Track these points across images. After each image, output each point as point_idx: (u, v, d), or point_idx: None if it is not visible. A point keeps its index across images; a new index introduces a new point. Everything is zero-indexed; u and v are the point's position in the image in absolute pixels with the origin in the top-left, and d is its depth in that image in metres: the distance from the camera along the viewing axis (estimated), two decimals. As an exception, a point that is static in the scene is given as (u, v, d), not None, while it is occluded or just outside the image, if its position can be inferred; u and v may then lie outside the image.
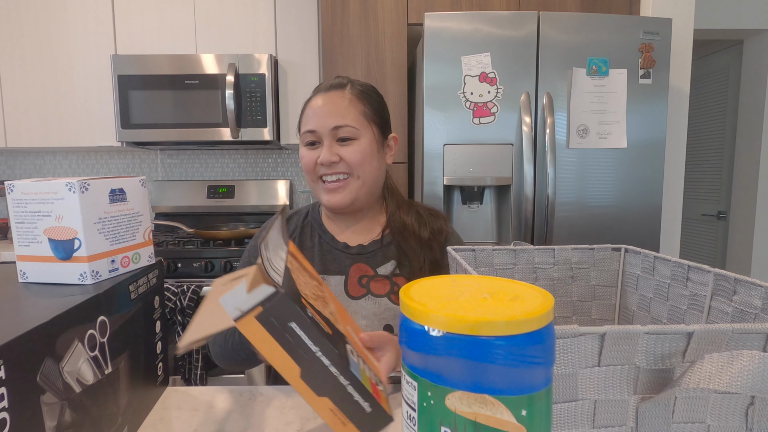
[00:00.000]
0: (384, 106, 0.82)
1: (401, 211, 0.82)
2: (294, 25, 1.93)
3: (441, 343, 0.24)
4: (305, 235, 0.83)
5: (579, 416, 0.30)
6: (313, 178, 0.77)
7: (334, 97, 0.76)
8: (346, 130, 0.74)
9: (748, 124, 2.51)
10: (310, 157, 0.76)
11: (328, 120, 0.74)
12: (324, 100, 0.76)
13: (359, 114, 0.76)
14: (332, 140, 0.74)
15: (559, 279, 0.60)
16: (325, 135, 0.74)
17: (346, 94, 0.76)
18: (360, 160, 0.74)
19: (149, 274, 0.58)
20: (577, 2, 1.66)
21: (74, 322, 0.40)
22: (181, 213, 2.18)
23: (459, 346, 0.24)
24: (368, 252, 0.80)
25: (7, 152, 2.27)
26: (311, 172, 0.77)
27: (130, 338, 0.52)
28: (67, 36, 1.91)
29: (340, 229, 0.83)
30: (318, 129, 0.75)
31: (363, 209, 0.81)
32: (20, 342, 0.33)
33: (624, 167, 1.48)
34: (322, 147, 0.75)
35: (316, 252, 0.81)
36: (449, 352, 0.24)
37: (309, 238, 0.83)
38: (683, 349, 0.29)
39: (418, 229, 0.80)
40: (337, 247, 0.81)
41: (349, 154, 0.74)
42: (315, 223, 0.84)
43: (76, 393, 0.40)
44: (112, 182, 0.53)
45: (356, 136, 0.75)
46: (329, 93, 0.77)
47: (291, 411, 0.57)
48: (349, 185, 0.76)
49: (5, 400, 0.31)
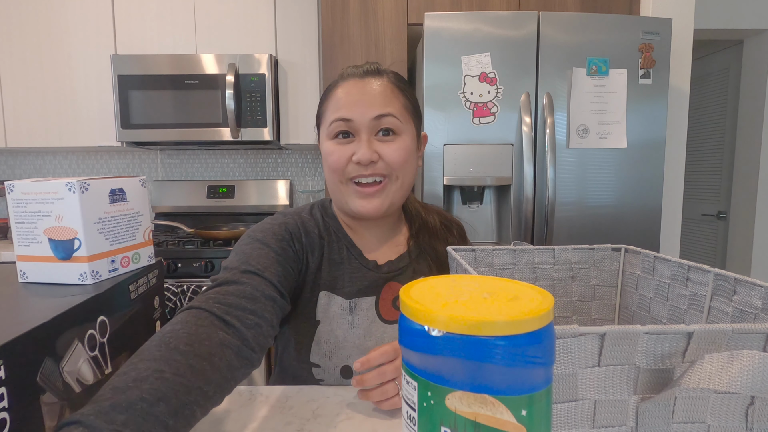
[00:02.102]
0: (417, 100, 0.70)
1: (423, 212, 0.75)
2: (294, 25, 1.93)
3: (441, 343, 0.24)
4: (333, 245, 0.69)
5: (579, 416, 0.30)
6: (342, 179, 0.64)
7: (373, 83, 0.63)
8: (389, 121, 0.62)
9: (748, 124, 2.51)
10: (342, 154, 0.62)
11: (370, 108, 0.61)
12: (363, 85, 0.63)
13: (401, 106, 0.64)
14: (371, 134, 0.62)
15: (559, 279, 0.60)
16: (363, 126, 0.62)
17: (385, 82, 0.64)
18: (403, 160, 0.63)
19: (149, 274, 0.58)
20: (577, 2, 1.66)
21: (74, 322, 0.40)
22: (181, 213, 2.18)
23: (459, 346, 0.24)
24: (398, 269, 0.70)
25: (7, 152, 2.27)
26: (340, 172, 0.63)
27: (130, 338, 0.52)
28: (67, 36, 1.91)
29: (364, 241, 0.71)
30: (355, 118, 0.61)
31: (389, 216, 0.71)
32: (20, 342, 0.33)
33: (624, 167, 1.48)
34: (356, 142, 0.62)
35: (346, 269, 0.68)
36: (449, 352, 0.24)
37: (337, 250, 0.69)
38: (683, 349, 0.29)
39: (445, 234, 0.74)
40: (367, 265, 0.69)
41: (392, 152, 0.62)
42: (338, 232, 0.71)
43: (76, 393, 0.40)
44: (112, 182, 0.53)
45: (399, 131, 0.63)
46: (366, 78, 0.64)
47: (291, 411, 0.57)
48: (386, 188, 0.63)
49: (5, 400, 0.31)
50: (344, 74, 0.67)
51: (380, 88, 0.64)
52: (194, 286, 1.57)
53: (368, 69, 0.66)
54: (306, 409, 0.57)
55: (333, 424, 0.53)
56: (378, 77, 0.65)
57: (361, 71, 0.66)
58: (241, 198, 2.18)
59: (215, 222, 2.17)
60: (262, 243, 0.61)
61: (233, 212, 2.18)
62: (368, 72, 0.65)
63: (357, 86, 0.63)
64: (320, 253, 0.68)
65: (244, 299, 0.53)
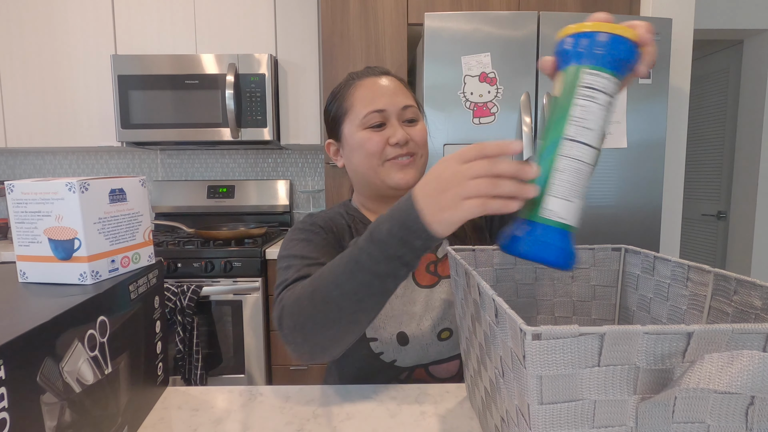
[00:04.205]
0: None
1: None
2: (294, 25, 1.93)
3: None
4: (360, 231, 0.77)
5: (579, 416, 0.30)
6: (379, 162, 0.72)
7: (390, 81, 0.74)
8: (412, 111, 0.73)
9: (748, 124, 2.51)
10: (380, 138, 0.71)
11: (397, 99, 0.72)
12: (385, 81, 0.74)
13: (414, 100, 0.75)
14: (399, 121, 0.72)
15: (559, 279, 0.60)
16: (393, 114, 0.72)
17: (396, 81, 0.75)
18: (425, 140, 0.74)
19: (149, 274, 0.58)
20: (577, 2, 1.66)
21: (74, 322, 0.40)
22: (181, 213, 2.18)
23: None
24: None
25: (7, 152, 2.27)
26: (378, 155, 0.72)
27: (130, 338, 0.52)
28: (67, 36, 1.91)
29: None
30: (388, 108, 0.71)
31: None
32: (20, 342, 0.33)
33: (624, 167, 1.48)
34: (388, 128, 0.72)
35: None
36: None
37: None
38: (683, 349, 0.29)
39: None
40: None
41: (417, 133, 0.73)
42: (363, 220, 0.78)
43: (76, 393, 0.40)
44: (112, 182, 0.53)
45: (419, 118, 0.75)
46: (382, 78, 0.74)
47: (291, 411, 0.57)
48: (415, 163, 0.73)
49: (5, 400, 0.31)
50: (359, 75, 0.76)
51: (397, 84, 0.74)
52: (194, 286, 1.57)
53: (381, 70, 0.76)
54: (306, 409, 0.57)
55: (333, 424, 0.53)
56: (390, 77, 0.75)
57: (377, 72, 0.75)
58: (241, 198, 2.18)
59: (215, 222, 2.18)
60: (305, 240, 0.69)
61: (233, 212, 2.18)
62: (382, 72, 0.76)
63: (379, 83, 0.73)
64: (350, 238, 0.75)
65: None
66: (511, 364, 0.33)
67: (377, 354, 0.70)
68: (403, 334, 0.70)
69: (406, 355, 0.70)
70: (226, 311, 1.65)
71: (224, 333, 1.65)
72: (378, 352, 0.70)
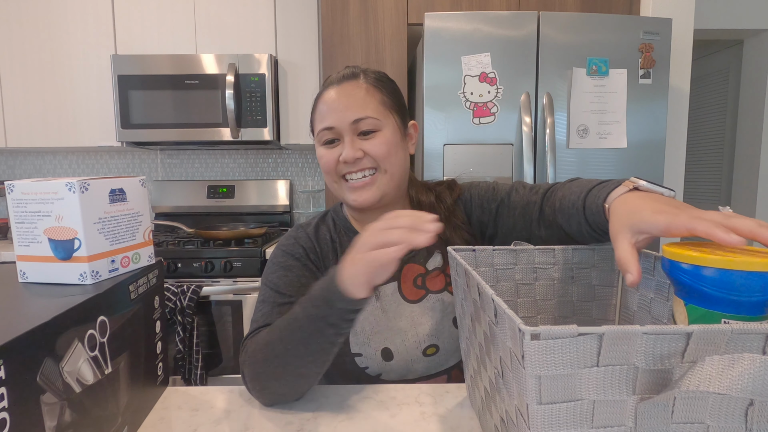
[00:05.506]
0: (400, 93, 0.75)
1: (421, 195, 0.77)
2: (294, 25, 1.93)
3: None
4: (345, 244, 0.74)
5: (578, 416, 0.30)
6: (335, 178, 0.71)
7: (349, 89, 0.69)
8: (367, 123, 0.68)
9: (748, 124, 2.51)
10: (331, 156, 0.69)
11: (347, 113, 0.67)
12: (339, 93, 0.69)
13: (378, 104, 0.69)
14: (353, 135, 0.68)
15: (560, 279, 0.60)
16: (345, 130, 0.68)
17: (361, 83, 0.70)
18: (386, 152, 0.68)
19: (149, 274, 0.58)
20: (577, 2, 1.66)
21: (74, 322, 0.40)
22: (181, 213, 2.18)
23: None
24: (413, 251, 0.74)
25: (7, 152, 2.27)
26: (332, 172, 0.70)
27: (130, 338, 0.52)
28: (67, 36, 1.91)
29: None
30: (336, 125, 0.68)
31: (391, 204, 0.74)
32: (20, 342, 0.33)
33: (624, 167, 1.48)
34: (341, 144, 0.69)
35: None
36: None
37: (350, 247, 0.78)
38: (682, 349, 0.29)
39: (438, 204, 0.76)
40: None
41: (373, 147, 0.68)
42: (349, 231, 0.76)
43: (76, 393, 0.40)
44: (112, 182, 0.53)
45: (378, 127, 0.68)
46: (343, 85, 0.70)
47: (291, 411, 0.57)
48: (377, 181, 0.69)
49: (5, 400, 0.31)
50: (326, 83, 0.73)
51: (355, 91, 0.69)
52: (194, 286, 1.57)
53: (345, 74, 0.72)
54: (306, 409, 0.57)
55: (333, 424, 0.53)
56: (354, 80, 0.70)
57: (339, 77, 0.71)
58: (241, 198, 2.18)
59: (215, 222, 2.17)
60: (284, 268, 0.70)
61: (233, 212, 2.18)
62: (345, 77, 0.71)
63: (335, 94, 0.69)
64: (334, 255, 0.74)
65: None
66: (511, 364, 0.33)
67: (363, 368, 0.70)
68: (388, 350, 0.70)
69: (391, 370, 0.70)
70: (226, 311, 1.65)
71: (224, 333, 1.65)
72: (363, 366, 0.70)
